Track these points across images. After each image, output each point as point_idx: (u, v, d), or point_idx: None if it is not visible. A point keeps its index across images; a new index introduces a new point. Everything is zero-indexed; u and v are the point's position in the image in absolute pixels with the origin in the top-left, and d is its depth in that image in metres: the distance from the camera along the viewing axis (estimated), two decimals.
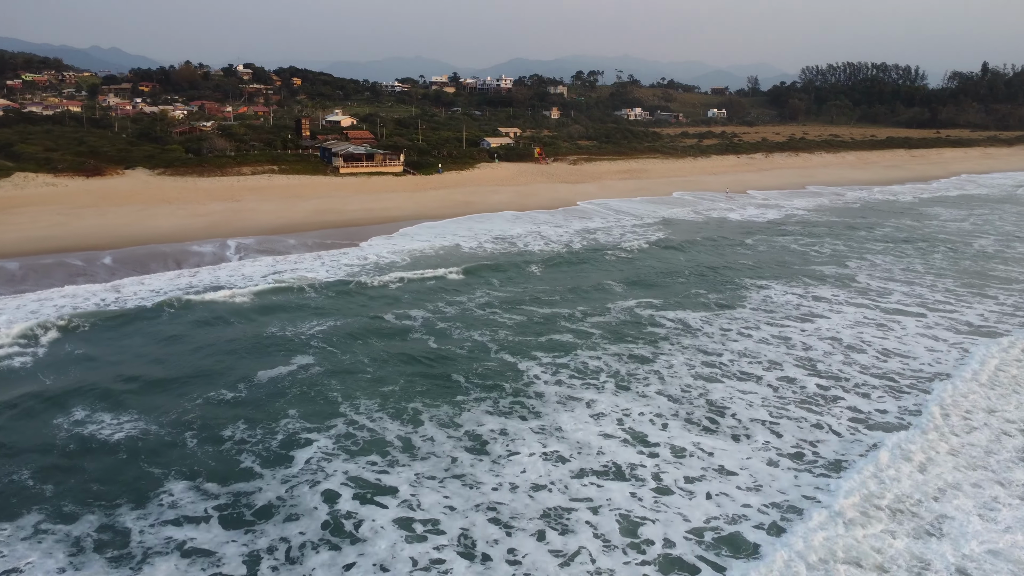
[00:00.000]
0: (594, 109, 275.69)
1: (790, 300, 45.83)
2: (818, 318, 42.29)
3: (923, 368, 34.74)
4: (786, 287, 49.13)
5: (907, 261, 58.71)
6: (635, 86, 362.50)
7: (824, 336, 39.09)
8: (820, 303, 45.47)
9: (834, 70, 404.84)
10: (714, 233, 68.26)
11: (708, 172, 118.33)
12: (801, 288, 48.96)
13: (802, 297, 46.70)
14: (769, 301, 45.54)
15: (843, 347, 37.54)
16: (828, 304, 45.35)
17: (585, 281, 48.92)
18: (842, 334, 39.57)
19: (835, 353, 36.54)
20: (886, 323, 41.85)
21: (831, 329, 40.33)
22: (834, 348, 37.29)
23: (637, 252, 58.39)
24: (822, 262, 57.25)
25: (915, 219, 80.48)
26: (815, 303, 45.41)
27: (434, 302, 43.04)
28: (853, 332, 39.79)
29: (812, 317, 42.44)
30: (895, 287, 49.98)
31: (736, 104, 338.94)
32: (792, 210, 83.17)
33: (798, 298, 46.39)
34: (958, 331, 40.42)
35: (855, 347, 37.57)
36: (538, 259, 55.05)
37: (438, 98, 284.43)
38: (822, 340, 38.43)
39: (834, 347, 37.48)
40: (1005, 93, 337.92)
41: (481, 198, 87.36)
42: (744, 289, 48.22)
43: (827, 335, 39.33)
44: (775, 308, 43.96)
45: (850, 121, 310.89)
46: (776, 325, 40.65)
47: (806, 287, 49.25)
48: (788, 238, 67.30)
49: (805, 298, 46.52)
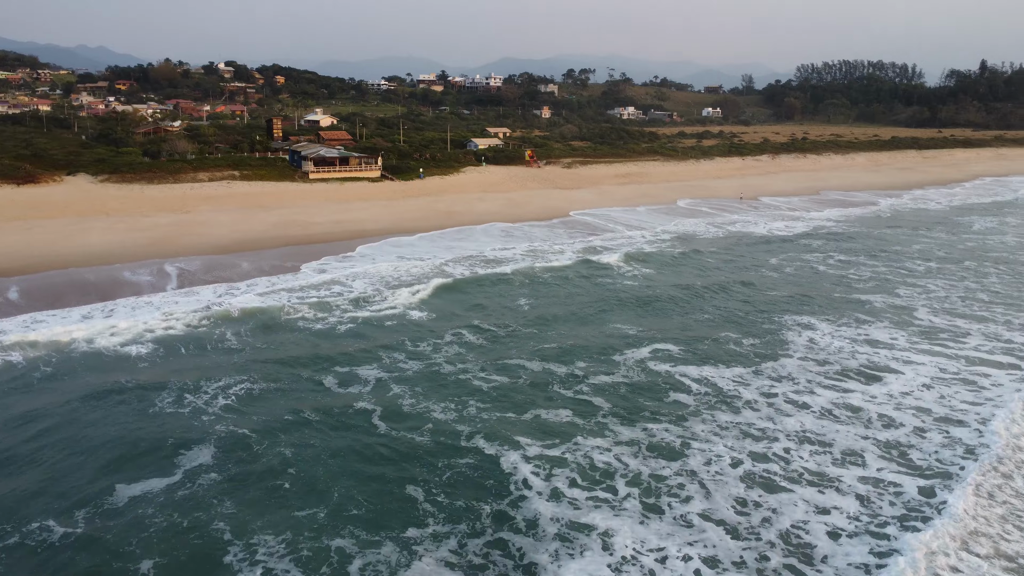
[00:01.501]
0: (586, 108, 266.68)
1: (842, 346, 36.59)
2: (885, 373, 33.10)
3: None
4: (833, 326, 39.92)
5: (963, 287, 49.65)
6: (627, 85, 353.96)
7: (903, 404, 29.93)
8: (881, 349, 36.28)
9: (830, 68, 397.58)
10: (736, 251, 59.00)
11: (714, 176, 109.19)
12: (852, 327, 39.76)
13: (855, 341, 37.49)
14: (816, 347, 36.33)
15: (934, 419, 28.40)
16: (890, 351, 36.16)
17: (586, 322, 39.52)
18: (925, 399, 30.44)
19: (929, 431, 27.39)
20: (974, 379, 32.75)
21: (908, 391, 31.17)
22: (923, 422, 28.15)
23: (648, 280, 49.03)
24: (866, 289, 48.09)
25: (951, 231, 71.54)
26: (874, 350, 36.20)
27: (390, 354, 33.57)
28: (938, 396, 30.64)
29: (877, 372, 33.26)
30: (965, 325, 40.85)
31: (731, 103, 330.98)
32: (819, 221, 74.05)
33: (851, 343, 37.17)
34: None
35: (950, 418, 28.45)
36: (527, 291, 45.66)
37: (425, 97, 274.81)
38: (903, 411, 29.25)
39: (923, 420, 28.33)
40: (1005, 92, 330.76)
41: (466, 207, 77.98)
42: (782, 329, 38.98)
43: (906, 401, 30.18)
44: (827, 358, 34.74)
45: (848, 120, 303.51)
46: (834, 387, 31.44)
47: (858, 325, 40.05)
48: (818, 255, 58.14)
49: (859, 342, 37.32)
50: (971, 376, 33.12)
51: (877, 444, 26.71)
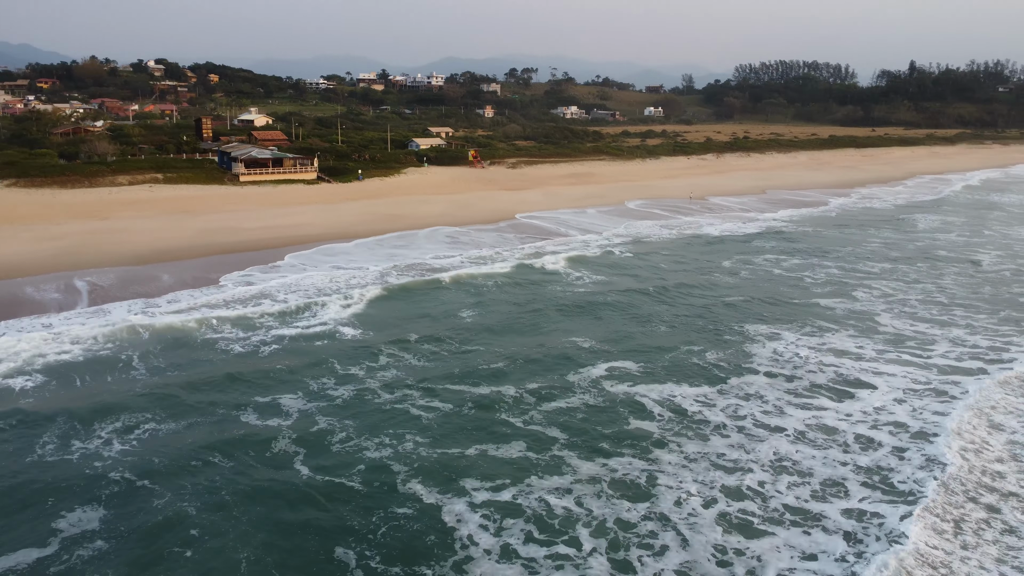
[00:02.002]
0: (530, 108, 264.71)
1: (808, 356, 34.42)
2: (857, 388, 30.95)
3: None
4: (796, 334, 37.79)
5: (920, 288, 48.34)
6: (570, 84, 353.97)
7: (879, 421, 27.76)
8: (848, 360, 34.22)
9: (767, 68, 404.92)
10: (690, 255, 56.80)
11: (661, 176, 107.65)
12: (816, 335, 37.68)
13: (821, 351, 35.37)
14: (781, 359, 34.05)
15: (911, 436, 26.26)
16: (858, 361, 34.13)
17: (537, 336, 36.47)
18: (899, 413, 28.38)
19: (907, 450, 25.20)
20: (945, 388, 30.87)
21: (882, 407, 29.06)
22: (901, 440, 25.98)
23: (602, 287, 46.27)
24: (825, 293, 46.30)
25: (899, 230, 70.96)
26: (842, 361, 34.11)
27: (318, 378, 29.97)
28: (914, 411, 28.56)
29: (848, 386, 31.10)
30: (928, 330, 39.21)
31: (673, 102, 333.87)
32: (770, 222, 72.57)
33: (817, 352, 35.04)
34: None
35: (925, 433, 26.36)
36: (472, 301, 42.42)
37: (366, 96, 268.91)
38: (880, 429, 27.08)
39: (900, 439, 26.17)
40: (933, 92, 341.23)
41: (409, 210, 74.29)
42: (745, 339, 36.65)
43: (882, 418, 28.03)
44: (794, 372, 32.46)
45: (786, 119, 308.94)
46: (806, 405, 29.10)
47: (822, 333, 38.00)
48: (772, 257, 56.35)
49: (825, 352, 35.22)
50: (942, 386, 31.24)
51: (858, 470, 24.40)
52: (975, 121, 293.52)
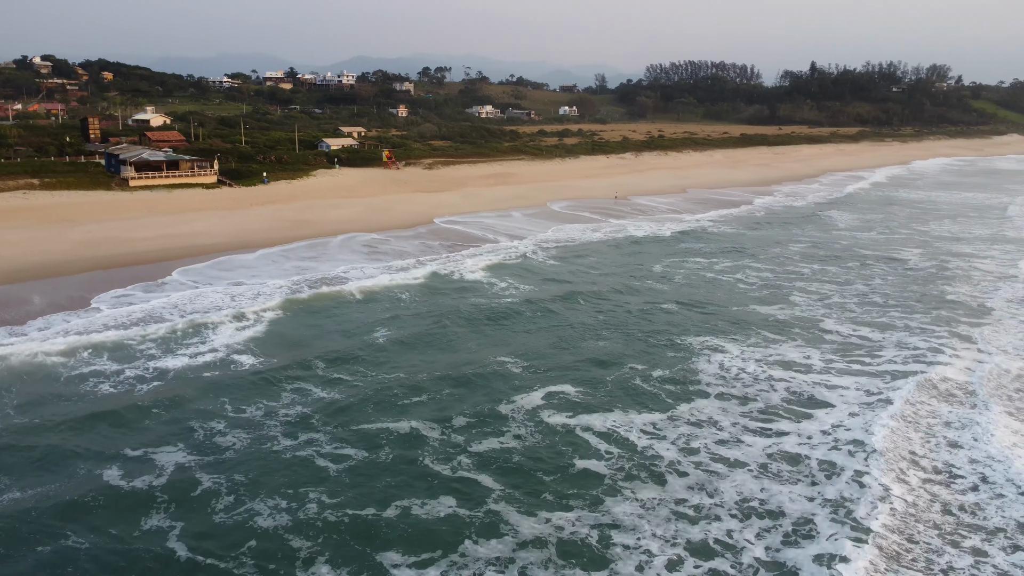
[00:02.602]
0: (444, 107, 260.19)
1: (757, 372, 31.84)
2: (812, 406, 28.47)
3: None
4: (741, 346, 35.26)
5: (854, 290, 46.93)
6: (484, 83, 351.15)
7: (840, 441, 25.25)
8: (798, 374, 31.83)
9: (677, 68, 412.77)
10: (620, 260, 53.99)
11: (582, 175, 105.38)
12: (762, 347, 35.24)
13: (770, 364, 32.89)
14: (730, 376, 31.34)
15: (888, 464, 23.77)
16: (809, 374, 31.79)
17: (463, 359, 32.60)
18: (855, 429, 26.02)
19: (867, 476, 22.64)
20: (894, 398, 28.75)
21: (840, 423, 26.68)
22: (865, 465, 23.41)
23: (532, 300, 42.74)
24: (763, 298, 44.20)
25: (822, 229, 70.47)
26: (792, 375, 31.70)
27: (204, 421, 25.31)
28: (881, 432, 26.13)
29: (804, 405, 28.60)
30: (871, 335, 37.43)
31: (586, 102, 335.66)
32: (696, 223, 70.76)
33: (766, 367, 32.52)
34: (1012, 407, 27.79)
35: (902, 457, 23.90)
36: (388, 320, 38.17)
37: (273, 95, 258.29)
38: (841, 450, 24.56)
39: (865, 463, 23.60)
40: (833, 91, 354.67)
41: (319, 215, 69.10)
42: (689, 354, 33.82)
43: (842, 437, 25.57)
44: (746, 392, 29.73)
45: (696, 118, 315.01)
46: (764, 430, 26.32)
47: (767, 344, 35.59)
48: (703, 260, 54.17)
49: (774, 366, 32.76)
50: (892, 393, 29.11)
51: (827, 504, 21.74)
52: (872, 119, 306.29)
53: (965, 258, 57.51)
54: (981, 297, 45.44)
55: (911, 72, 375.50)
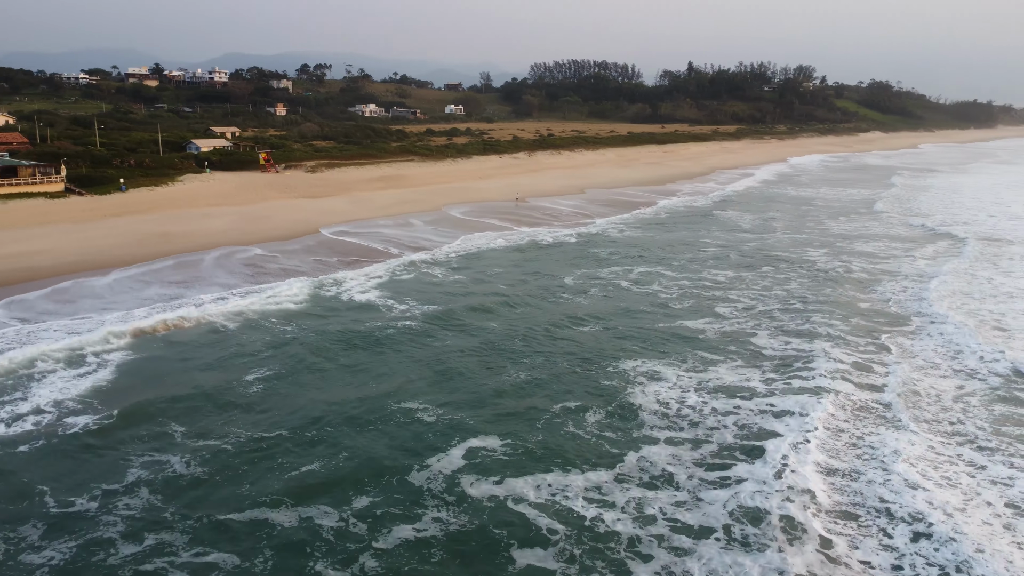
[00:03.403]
0: (325, 105, 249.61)
1: (700, 404, 28.18)
2: (764, 439, 25.04)
3: None
4: (677, 370, 31.64)
5: (776, 297, 44.64)
6: (367, 81, 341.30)
7: (794, 487, 21.71)
8: (742, 400, 28.45)
9: (561, 67, 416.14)
10: (531, 270, 49.67)
11: (477, 176, 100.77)
12: (699, 370, 31.74)
13: (711, 391, 29.39)
14: (672, 412, 27.51)
15: (874, 516, 20.39)
16: (753, 399, 28.51)
17: (356, 407, 27.13)
18: (807, 470, 22.66)
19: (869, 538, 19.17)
20: (843, 428, 25.76)
21: (786, 459, 23.32)
22: (835, 528, 19.96)
23: (438, 323, 37.64)
24: (687, 311, 41.00)
25: (727, 230, 68.95)
26: (735, 402, 28.28)
27: (15, 527, 18.90)
28: (821, 463, 22.85)
29: (756, 439, 25.19)
30: (803, 346, 34.77)
31: (473, 100, 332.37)
32: (602, 226, 67.58)
33: (708, 395, 28.97)
34: (955, 439, 25.26)
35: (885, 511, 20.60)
36: (266, 355, 32.24)
37: (138, 93, 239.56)
38: (795, 501, 21.02)
39: (832, 524, 20.15)
40: (710, 90, 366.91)
41: (187, 227, 61.26)
42: (623, 384, 29.82)
43: (795, 483, 22.06)
44: (695, 432, 25.88)
45: (582, 116, 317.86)
46: (722, 481, 22.49)
47: (704, 366, 32.13)
48: (617, 269, 50.68)
49: (715, 392, 29.28)
50: (840, 424, 26.12)
51: None
52: (748, 117, 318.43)
53: (868, 258, 56.77)
54: (893, 300, 44.05)
55: (780, 72, 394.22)
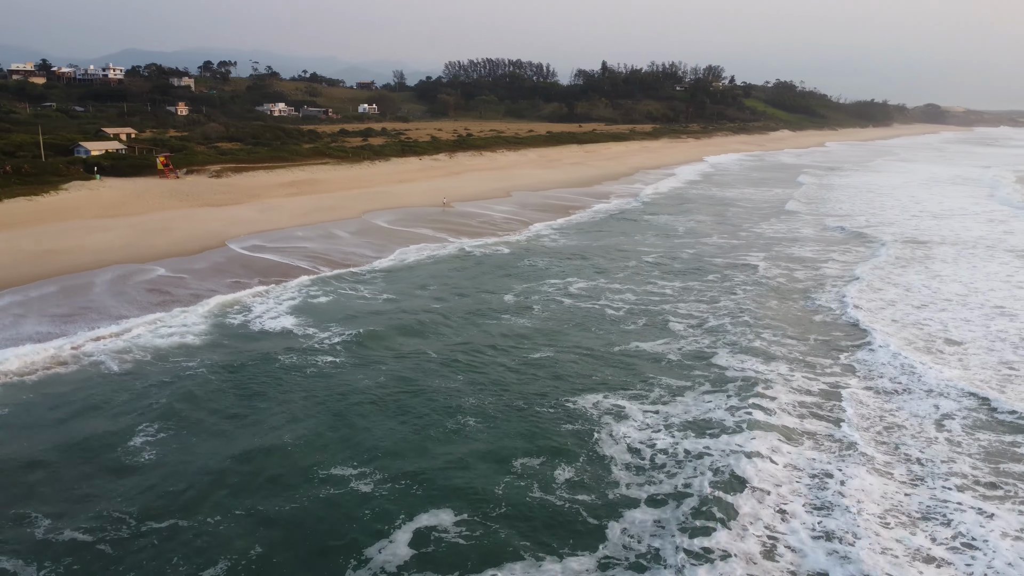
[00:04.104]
0: (231, 104, 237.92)
1: (673, 448, 24.70)
2: (736, 487, 21.77)
3: None
4: (642, 404, 28.18)
5: (725, 309, 41.92)
6: (275, 79, 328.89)
7: (779, 549, 18.51)
8: (714, 439, 25.13)
9: (476, 66, 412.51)
10: (467, 286, 45.35)
11: (396, 180, 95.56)
12: (664, 401, 28.39)
13: (681, 429, 26.05)
14: (643, 458, 24.00)
15: None
16: (724, 437, 25.21)
17: (279, 468, 22.47)
18: (780, 527, 19.52)
19: None
20: (813, 470, 22.90)
21: (758, 514, 20.16)
22: None
23: (369, 358, 33.04)
24: (638, 328, 37.74)
25: (663, 235, 66.54)
26: (707, 442, 24.94)
27: None
28: (801, 514, 19.83)
29: (729, 490, 21.78)
30: (761, 368, 31.86)
31: (386, 99, 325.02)
32: (533, 234, 63.80)
33: (679, 435, 25.58)
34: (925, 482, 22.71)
35: None
36: (158, 402, 27.03)
37: (22, 91, 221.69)
38: (779, 558, 17.87)
39: None
40: (624, 90, 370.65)
41: (74, 242, 54.30)
42: (587, 426, 26.10)
43: (777, 546, 18.86)
44: (673, 484, 22.40)
45: (499, 115, 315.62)
46: (705, 553, 18.93)
47: (670, 396, 28.77)
48: (557, 282, 47.06)
49: (685, 430, 25.97)
50: (810, 461, 23.23)
51: None
52: (662, 116, 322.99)
53: (807, 265, 55.06)
54: (840, 312, 42.09)
55: (690, 72, 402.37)
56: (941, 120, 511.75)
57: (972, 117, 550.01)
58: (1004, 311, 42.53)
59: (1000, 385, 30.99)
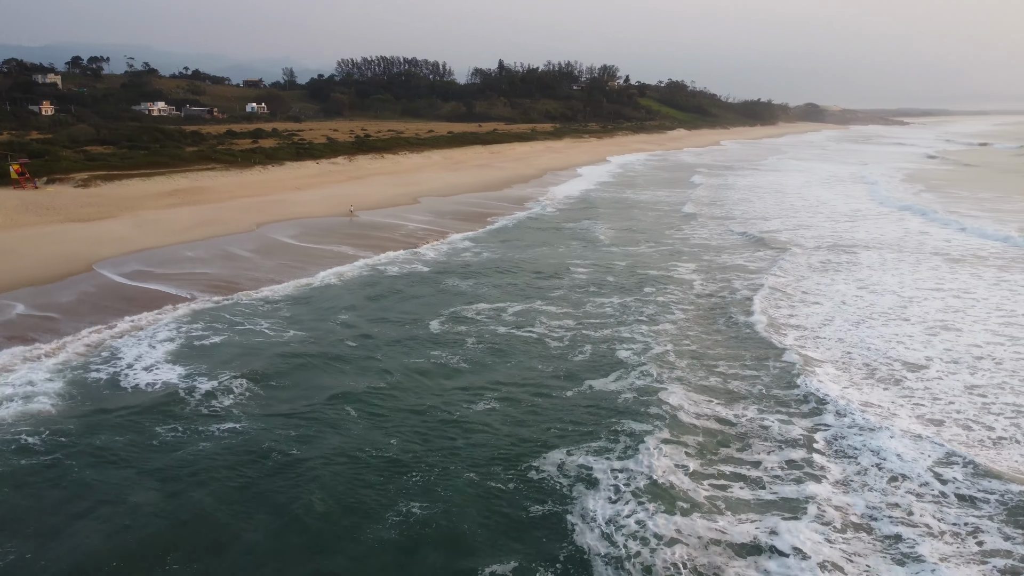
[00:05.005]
0: (104, 104, 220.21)
1: (645, 527, 20.04)
2: None
3: None
4: (608, 462, 23.30)
5: (666, 333, 37.87)
6: (154, 76, 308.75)
7: None
8: (683, 519, 20.78)
9: (370, 64, 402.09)
10: (387, 318, 39.39)
11: (293, 187, 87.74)
12: (629, 457, 23.60)
13: (650, 498, 21.24)
14: (621, 546, 19.22)
15: None
16: (694, 515, 20.97)
17: None
18: None
19: None
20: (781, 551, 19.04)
21: None
22: None
23: (272, 417, 26.93)
24: (584, 361, 32.97)
25: (588, 246, 62.55)
26: (678, 524, 20.56)
27: None
28: None
29: None
30: (720, 411, 27.91)
31: (277, 98, 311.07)
32: (449, 247, 58.34)
33: (649, 506, 20.75)
34: None
35: None
36: None
37: None
38: None
39: None
40: (522, 89, 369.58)
41: None
42: (548, 500, 21.10)
43: None
44: (654, 570, 17.94)
45: (395, 115, 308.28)
46: None
47: (633, 451, 24.00)
48: (487, 307, 41.88)
49: (656, 501, 21.30)
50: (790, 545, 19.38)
51: None
52: (560, 115, 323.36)
53: (742, 275, 52.31)
54: (794, 336, 39.09)
55: (586, 72, 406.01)
56: (820, 118, 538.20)
57: (847, 116, 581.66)
58: (947, 324, 40.36)
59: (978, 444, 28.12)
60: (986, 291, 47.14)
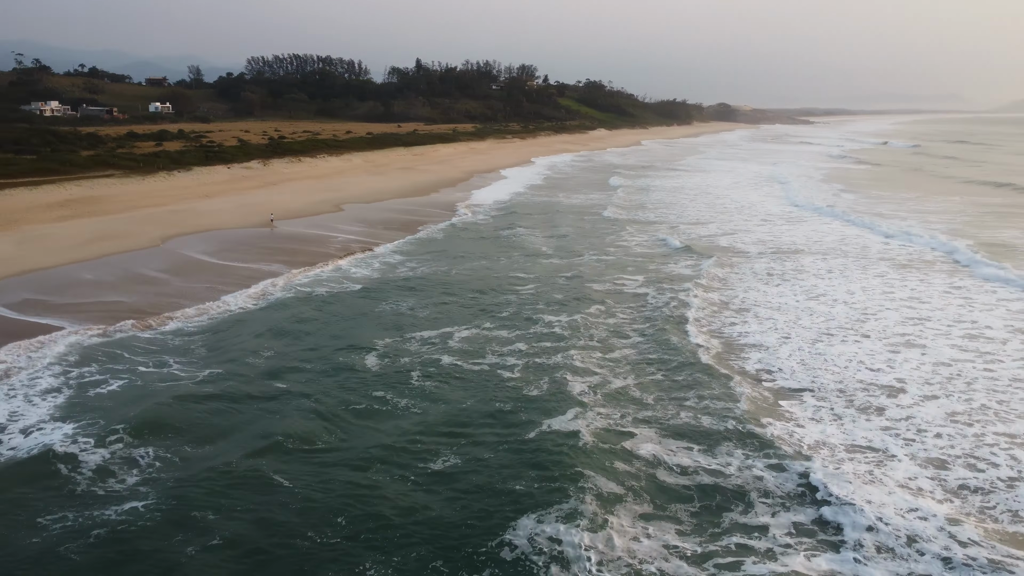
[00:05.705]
0: None
1: None
2: None
3: None
4: (576, 534, 19.88)
5: (623, 359, 34.76)
6: (47, 74, 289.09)
7: None
8: None
9: (282, 62, 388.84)
10: (316, 351, 34.80)
11: (202, 194, 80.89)
12: (596, 524, 20.46)
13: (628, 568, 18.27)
14: None
15: None
16: None
17: None
18: None
19: None
20: None
21: None
22: None
23: (181, 497, 22.15)
24: (541, 399, 29.26)
25: (526, 255, 59.10)
26: None
27: None
28: None
29: None
30: (686, 461, 25.01)
31: (182, 97, 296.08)
32: (384, 259, 53.73)
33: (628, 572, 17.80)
34: None
35: None
36: None
37: None
38: None
39: None
40: (441, 88, 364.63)
41: None
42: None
43: None
44: None
45: (309, 115, 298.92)
46: None
47: (604, 513, 20.76)
48: (429, 333, 37.68)
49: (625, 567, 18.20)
50: None
51: None
52: (480, 115, 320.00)
53: (687, 285, 49.92)
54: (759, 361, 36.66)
55: (505, 71, 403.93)
56: (732, 118, 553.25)
57: (758, 115, 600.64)
58: (909, 339, 38.59)
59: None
60: (940, 299, 46.05)
